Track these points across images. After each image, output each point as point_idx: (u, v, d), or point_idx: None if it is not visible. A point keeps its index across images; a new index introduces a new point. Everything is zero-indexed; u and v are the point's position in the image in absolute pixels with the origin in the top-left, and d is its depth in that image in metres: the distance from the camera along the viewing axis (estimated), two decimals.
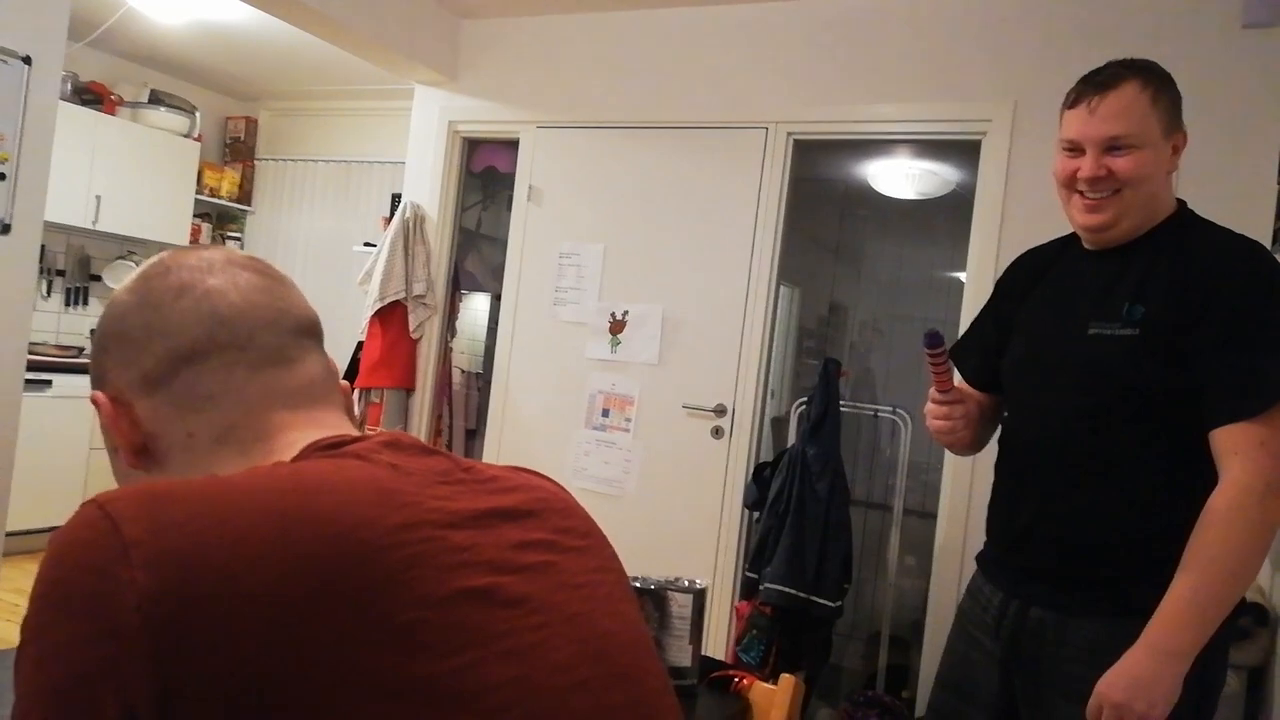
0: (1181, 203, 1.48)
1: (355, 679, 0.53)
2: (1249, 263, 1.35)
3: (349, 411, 0.81)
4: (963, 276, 3.05)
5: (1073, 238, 1.57)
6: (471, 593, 0.60)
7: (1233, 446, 1.28)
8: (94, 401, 0.74)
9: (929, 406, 1.56)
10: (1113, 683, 1.28)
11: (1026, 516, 1.49)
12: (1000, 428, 1.62)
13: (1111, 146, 1.39)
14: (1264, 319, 1.31)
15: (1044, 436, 1.48)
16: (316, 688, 0.52)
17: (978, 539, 1.63)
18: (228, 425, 0.71)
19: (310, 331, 0.78)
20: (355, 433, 0.74)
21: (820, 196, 4.69)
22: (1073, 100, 1.45)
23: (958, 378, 1.67)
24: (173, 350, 0.71)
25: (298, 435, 0.71)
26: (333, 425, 0.74)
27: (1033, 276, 1.61)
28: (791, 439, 3.12)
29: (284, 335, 0.75)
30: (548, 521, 0.71)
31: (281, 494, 0.58)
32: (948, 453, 2.95)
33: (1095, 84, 1.42)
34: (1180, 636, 1.26)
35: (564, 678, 0.62)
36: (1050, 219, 2.72)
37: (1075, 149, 1.44)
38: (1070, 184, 1.45)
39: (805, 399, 3.05)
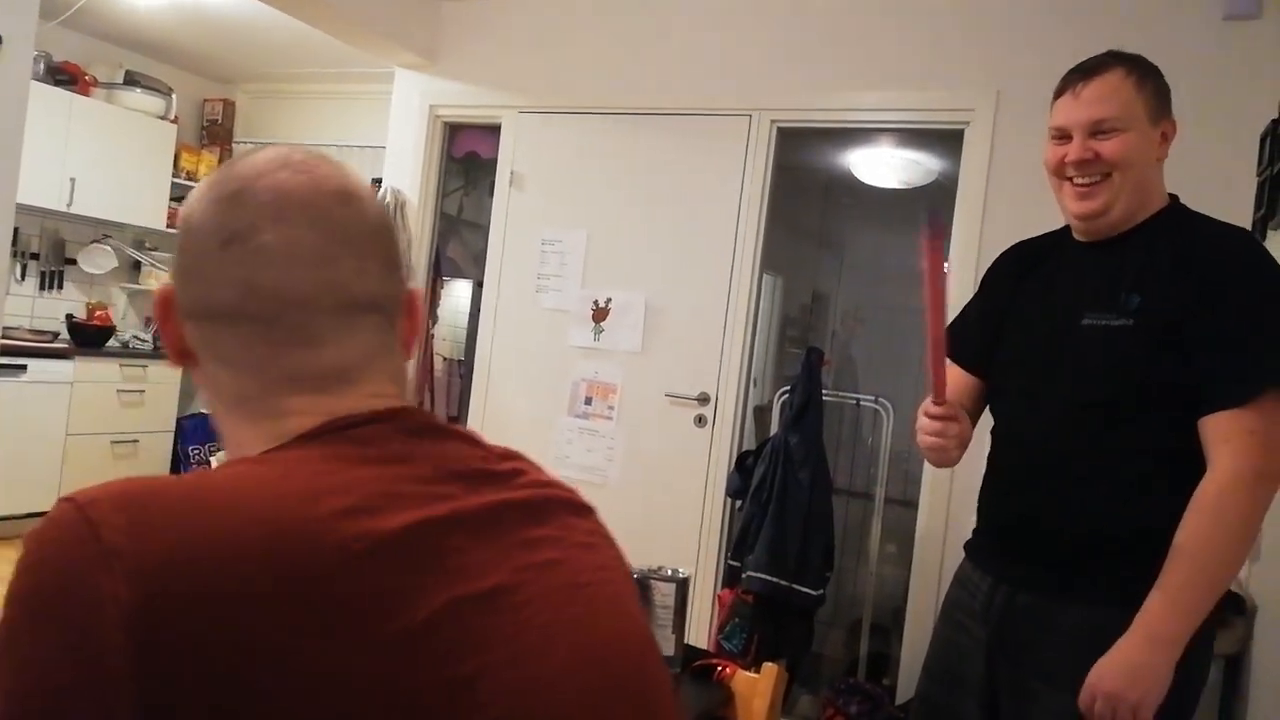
0: (1174, 197, 1.48)
1: (347, 686, 0.51)
2: (1243, 254, 1.36)
3: (403, 379, 0.76)
4: (947, 266, 3.05)
5: (1066, 231, 1.56)
6: (472, 599, 0.58)
7: (1222, 435, 1.29)
8: (157, 290, 0.75)
9: (921, 421, 1.49)
10: (1104, 673, 1.28)
11: (1021, 506, 1.49)
12: (995, 419, 1.60)
13: (1097, 130, 1.40)
14: (1255, 309, 1.31)
15: (1039, 427, 1.48)
16: (304, 695, 0.50)
17: (958, 527, 1.64)
18: (243, 394, 0.69)
19: (366, 306, 0.71)
20: (381, 405, 0.70)
21: (803, 185, 4.69)
22: (1060, 89, 1.47)
23: (950, 368, 1.63)
24: (204, 301, 0.69)
25: (311, 421, 0.66)
26: (358, 408, 0.68)
27: (1023, 268, 1.60)
28: (774, 428, 3.12)
29: (319, 314, 0.68)
30: (557, 516, 0.69)
31: (268, 500, 0.55)
32: None
33: (1081, 71, 1.44)
34: (1174, 623, 1.26)
35: (564, 685, 0.61)
36: (1033, 208, 2.73)
37: (1063, 135, 1.44)
38: (1060, 172, 1.46)
39: (788, 388, 3.06)
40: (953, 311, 1.61)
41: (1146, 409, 1.37)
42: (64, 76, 4.59)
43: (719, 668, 1.48)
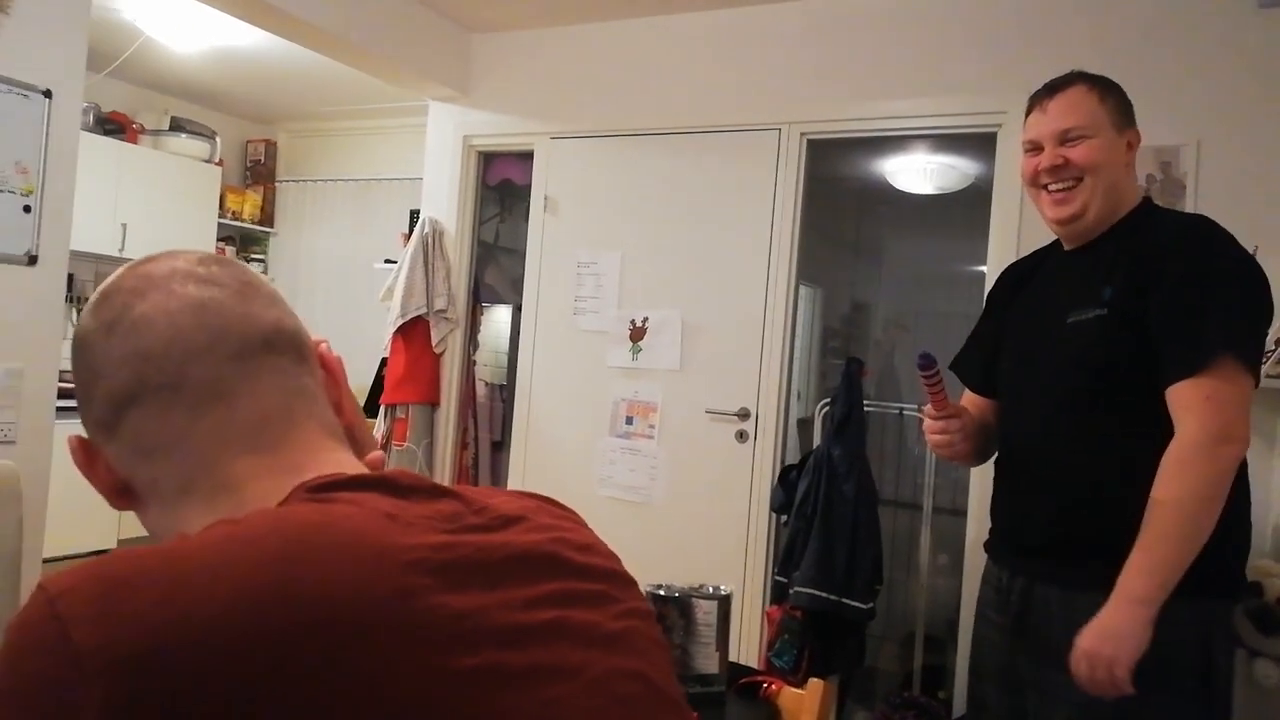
0: (1147, 197, 1.58)
1: None
2: (1192, 234, 1.45)
3: (347, 429, 0.72)
4: (985, 269, 3.02)
5: (1054, 245, 1.67)
6: (472, 674, 0.54)
7: (1182, 403, 1.37)
8: (67, 443, 0.70)
9: (926, 423, 1.65)
10: (1085, 635, 1.37)
11: (1023, 503, 1.58)
12: (1000, 426, 1.70)
13: (1065, 139, 1.52)
14: (1202, 282, 1.40)
15: (1033, 425, 1.57)
16: None
17: None
18: (186, 477, 0.64)
19: (268, 346, 0.68)
20: (346, 464, 0.67)
21: (838, 195, 4.67)
22: (1029, 106, 1.60)
23: (966, 393, 1.78)
24: (110, 394, 0.66)
25: (270, 484, 0.62)
26: (311, 464, 0.65)
27: (1016, 284, 1.71)
28: (817, 440, 3.10)
29: (221, 364, 0.65)
30: (565, 565, 0.65)
31: (254, 568, 0.51)
32: None
33: (1047, 88, 1.58)
34: (1144, 584, 1.34)
35: None
36: None
37: (1035, 148, 1.57)
38: (1035, 181, 1.57)
39: (829, 399, 3.04)
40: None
41: (1128, 395, 1.44)
42: (112, 126, 4.75)
43: (764, 684, 1.47)
